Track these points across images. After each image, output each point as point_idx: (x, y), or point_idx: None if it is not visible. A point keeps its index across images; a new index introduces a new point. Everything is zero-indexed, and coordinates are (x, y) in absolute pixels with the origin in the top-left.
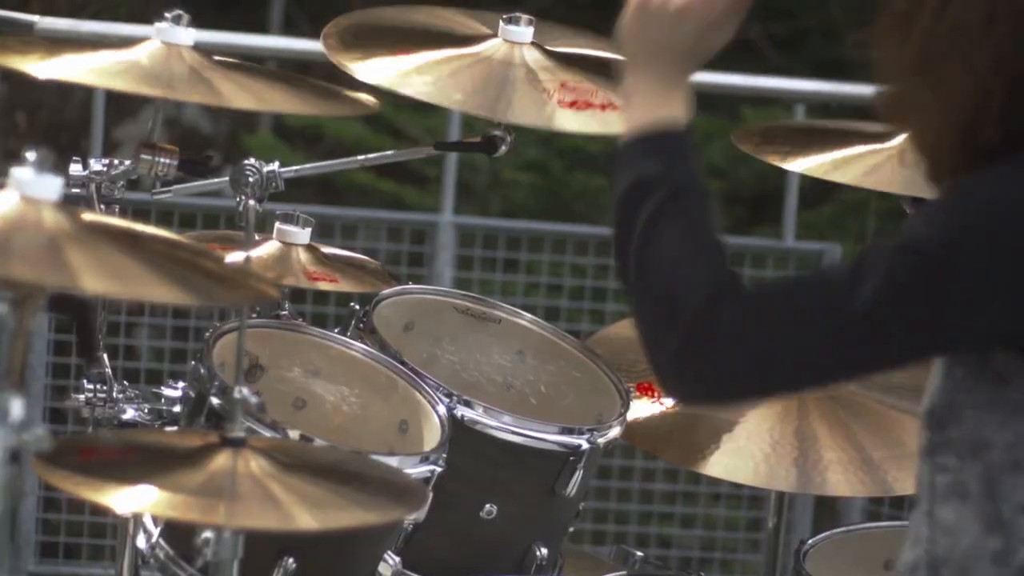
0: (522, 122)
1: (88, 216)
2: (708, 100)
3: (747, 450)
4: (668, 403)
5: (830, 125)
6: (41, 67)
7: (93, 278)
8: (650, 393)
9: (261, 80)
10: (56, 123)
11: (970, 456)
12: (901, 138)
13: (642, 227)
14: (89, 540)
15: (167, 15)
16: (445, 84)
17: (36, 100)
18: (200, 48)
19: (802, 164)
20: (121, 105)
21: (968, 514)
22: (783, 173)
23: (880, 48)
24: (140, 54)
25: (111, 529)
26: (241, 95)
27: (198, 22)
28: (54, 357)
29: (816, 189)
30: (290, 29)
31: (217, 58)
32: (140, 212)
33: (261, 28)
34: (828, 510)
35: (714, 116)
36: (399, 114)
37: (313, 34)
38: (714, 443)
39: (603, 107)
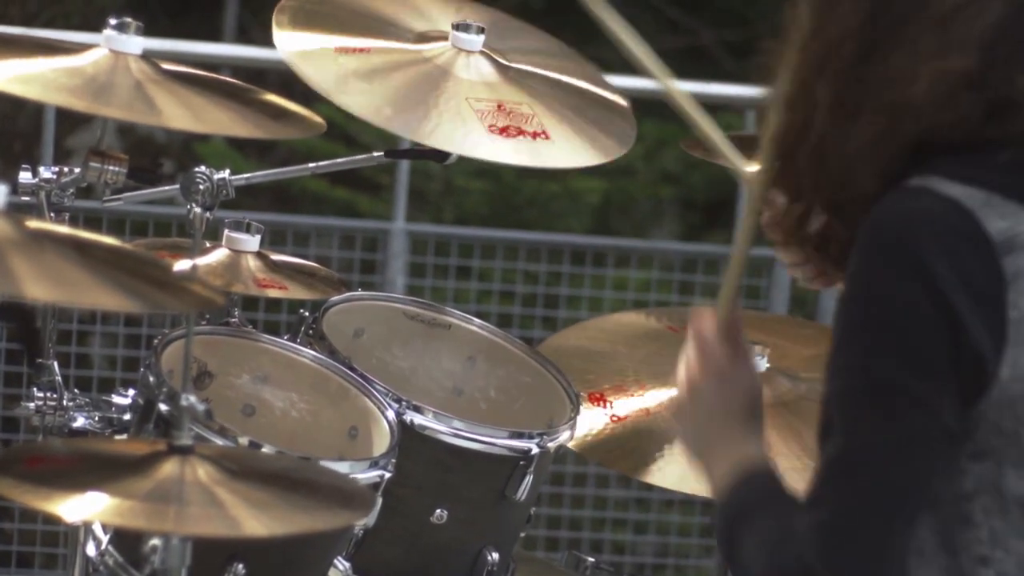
0: (443, 147)
1: (33, 224)
2: (660, 106)
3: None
4: (617, 413)
5: None
6: None
7: (37, 285)
8: (600, 402)
9: (208, 96)
10: (9, 132)
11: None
12: None
13: (733, 547)
14: (42, 548)
15: (112, 21)
16: (377, 94)
17: None
18: (149, 57)
19: (755, 168)
20: (74, 114)
21: (929, 571)
22: (736, 179)
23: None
24: (86, 63)
25: (64, 537)
26: (182, 115)
27: (151, 30)
28: (5, 365)
29: None
30: (243, 37)
31: (167, 67)
32: (91, 220)
33: (214, 36)
34: None
35: (666, 122)
36: (352, 122)
37: (266, 42)
38: (666, 454)
39: (534, 135)
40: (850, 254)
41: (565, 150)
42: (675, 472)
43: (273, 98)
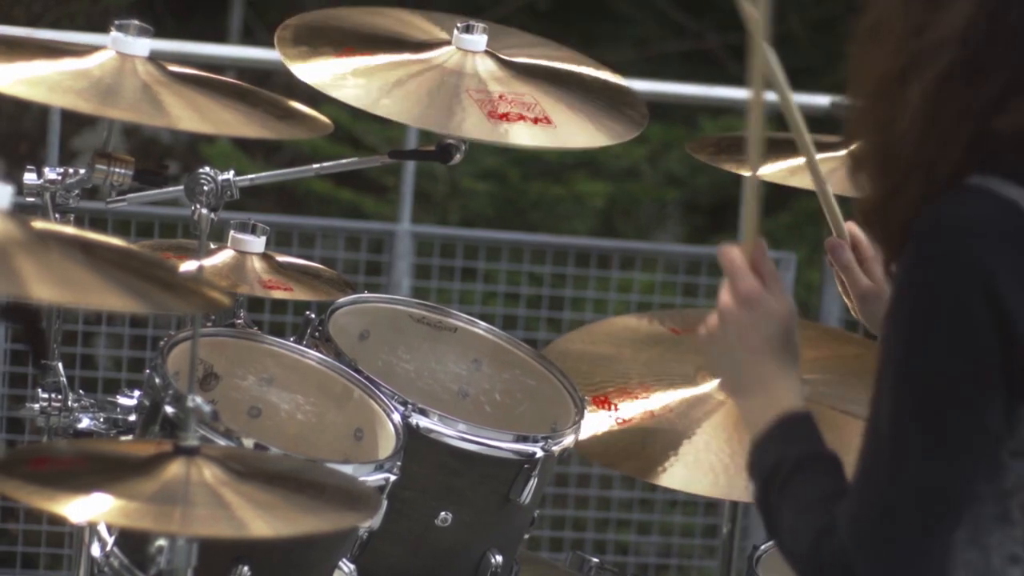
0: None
1: (38, 224)
2: (666, 109)
3: (705, 461)
4: (623, 416)
5: (783, 135)
6: None
7: (42, 286)
8: (605, 405)
9: (214, 97)
10: (15, 133)
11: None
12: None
13: (771, 514)
14: (46, 549)
15: (116, 24)
16: (407, 99)
17: None
18: (156, 58)
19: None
20: (79, 115)
21: (956, 565)
22: (740, 181)
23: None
24: (93, 65)
25: (69, 538)
26: (189, 116)
27: (157, 31)
28: (10, 367)
29: (773, 197)
30: (249, 38)
31: (173, 69)
32: (97, 221)
33: (220, 37)
34: None
35: (672, 125)
36: (357, 124)
37: (272, 43)
38: (671, 455)
39: (535, 120)
40: (901, 252)
41: (568, 134)
42: (680, 473)
43: (279, 98)
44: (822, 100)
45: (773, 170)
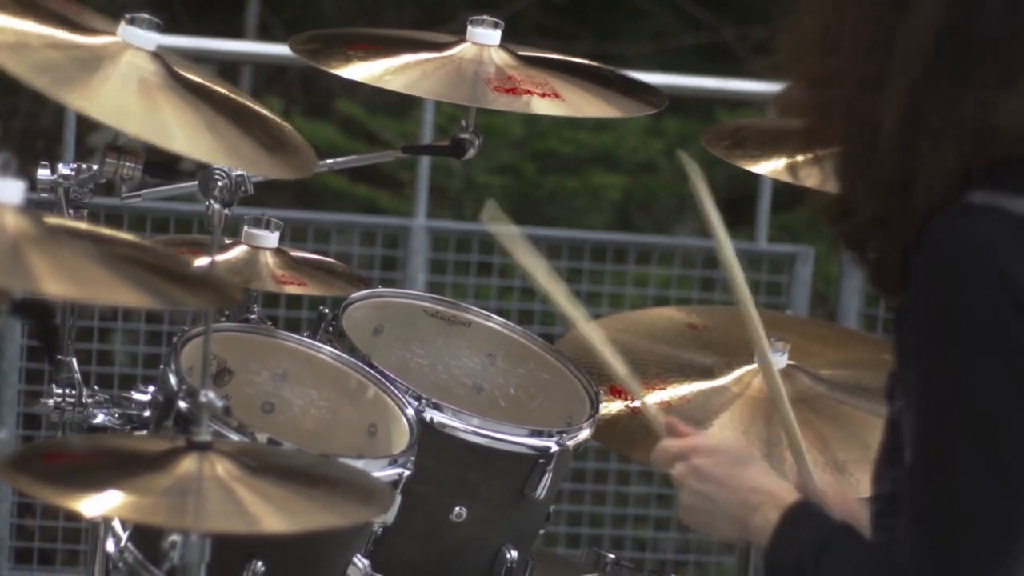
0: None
1: (51, 220)
2: (683, 103)
3: None
4: (639, 405)
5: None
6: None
7: (55, 282)
8: (621, 396)
9: (210, 114)
10: (32, 130)
11: None
12: None
13: None
14: (63, 545)
15: (128, 17)
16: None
17: (11, 106)
18: (164, 53)
19: (773, 166)
20: None
21: None
22: (757, 175)
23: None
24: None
25: (84, 535)
26: (184, 134)
27: (174, 28)
28: (27, 363)
29: (790, 191)
30: (265, 35)
31: (178, 71)
32: (112, 217)
33: (237, 34)
34: None
35: (688, 119)
36: (372, 119)
37: (287, 39)
38: None
39: (543, 95)
40: (909, 277)
41: (577, 105)
42: None
43: (274, 122)
44: None
45: (785, 165)
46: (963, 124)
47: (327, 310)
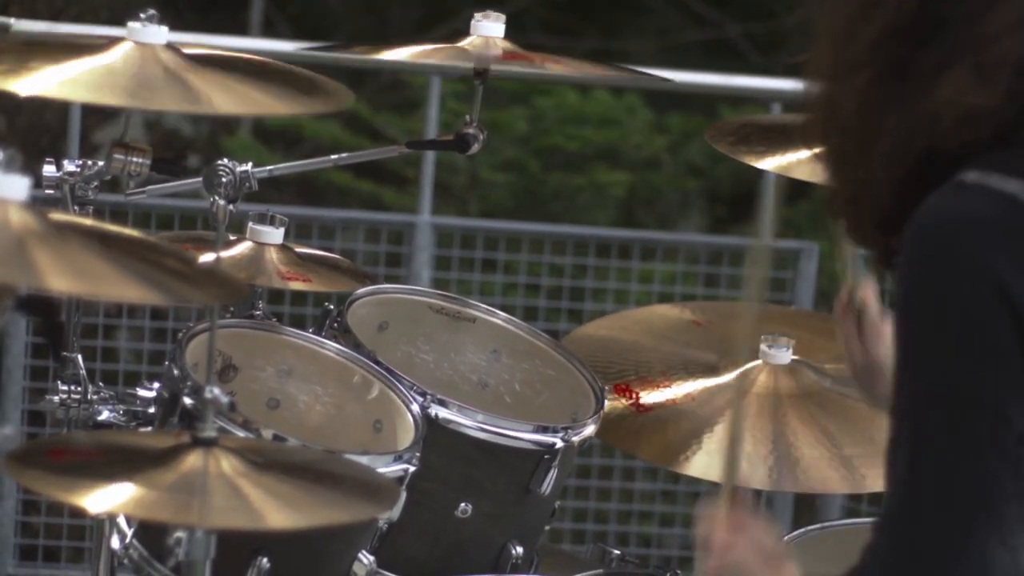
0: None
1: (55, 216)
2: (686, 99)
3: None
4: (644, 402)
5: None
6: (11, 81)
7: (60, 278)
8: (626, 394)
9: (239, 77)
10: (37, 127)
11: None
12: None
13: None
14: (68, 542)
15: (141, 15)
16: None
17: (16, 103)
18: (173, 46)
19: (777, 162)
20: (100, 109)
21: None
22: (761, 171)
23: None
24: (113, 59)
25: (89, 532)
26: (224, 99)
27: (178, 25)
28: (32, 360)
29: (795, 186)
30: (270, 31)
31: (189, 52)
32: (117, 214)
33: (241, 31)
34: (808, 507)
35: (691, 115)
36: (377, 116)
37: (292, 36)
38: (692, 442)
39: (541, 61)
40: (897, 256)
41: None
42: (702, 461)
43: (297, 71)
44: None
45: (790, 161)
46: (906, 109)
47: (332, 306)
